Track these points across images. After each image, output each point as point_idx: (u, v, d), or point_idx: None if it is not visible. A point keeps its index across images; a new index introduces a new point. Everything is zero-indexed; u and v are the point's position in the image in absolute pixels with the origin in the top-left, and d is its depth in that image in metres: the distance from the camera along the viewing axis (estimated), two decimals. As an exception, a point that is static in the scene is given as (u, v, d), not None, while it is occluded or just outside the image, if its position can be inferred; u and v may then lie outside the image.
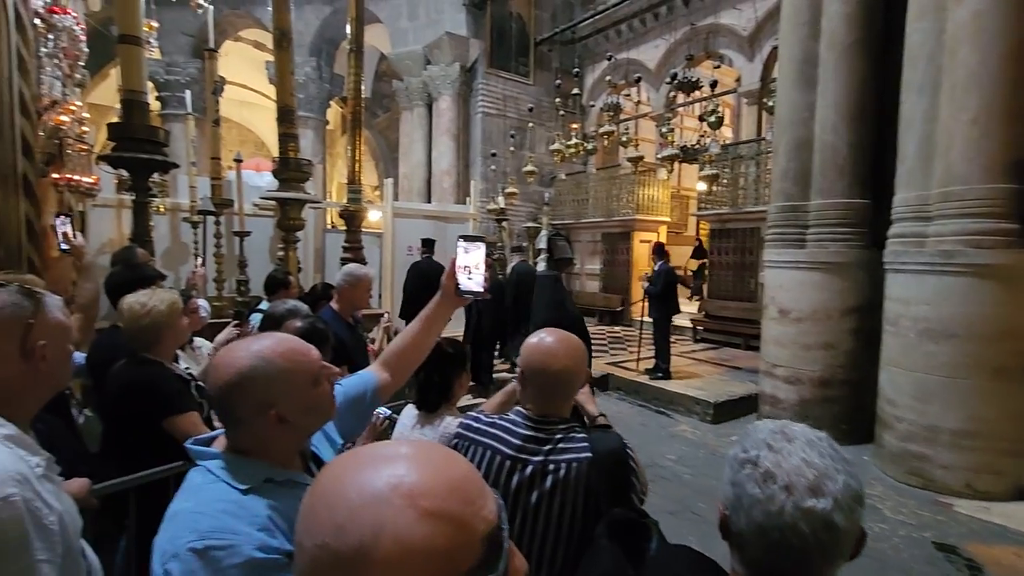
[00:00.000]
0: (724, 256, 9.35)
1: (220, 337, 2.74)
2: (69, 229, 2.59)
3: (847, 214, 4.87)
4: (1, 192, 2.70)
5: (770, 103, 6.29)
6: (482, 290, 1.31)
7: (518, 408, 1.39)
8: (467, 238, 1.32)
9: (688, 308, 10.00)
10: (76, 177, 4.34)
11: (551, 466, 1.27)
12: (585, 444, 1.29)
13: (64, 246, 2.56)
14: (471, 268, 1.31)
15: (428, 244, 6.90)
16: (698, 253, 13.58)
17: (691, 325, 9.56)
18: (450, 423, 1.71)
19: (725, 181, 8.99)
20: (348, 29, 4.36)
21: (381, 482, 0.44)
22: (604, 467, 1.25)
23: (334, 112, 15.52)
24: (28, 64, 3.17)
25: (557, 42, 12.43)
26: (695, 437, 5.30)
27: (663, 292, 6.55)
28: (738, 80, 11.03)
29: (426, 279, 6.19)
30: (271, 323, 2.23)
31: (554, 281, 6.27)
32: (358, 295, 3.07)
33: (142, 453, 1.92)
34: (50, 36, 3.98)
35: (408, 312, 6.08)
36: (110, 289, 2.41)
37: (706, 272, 10.38)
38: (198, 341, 2.90)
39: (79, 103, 4.84)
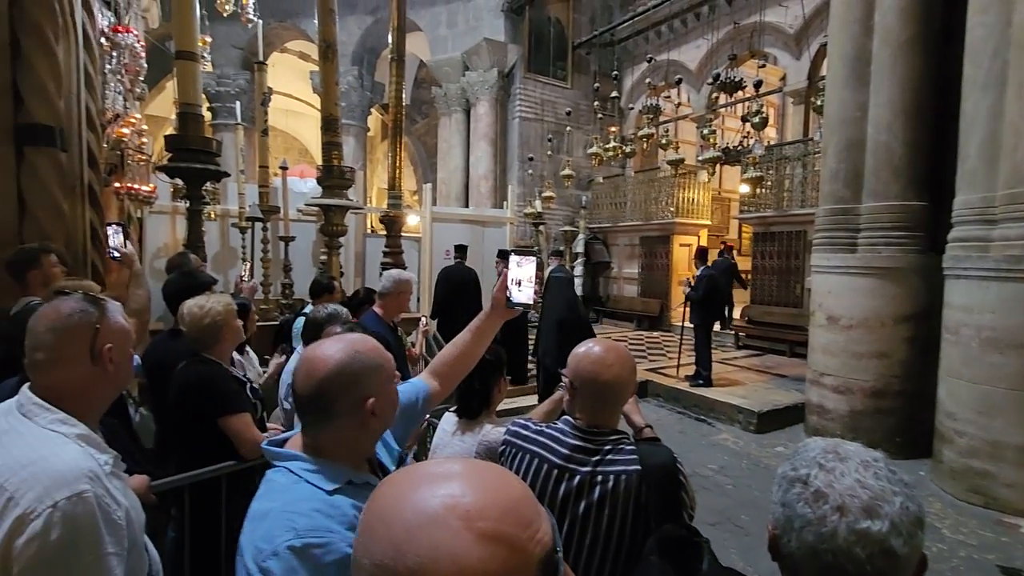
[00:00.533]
0: (768, 260, 9.07)
1: (272, 368, 2.84)
2: (120, 239, 2.68)
3: (902, 217, 4.65)
4: (69, 201, 2.87)
5: (818, 102, 6.07)
6: (532, 303, 1.37)
7: (566, 417, 1.38)
8: (519, 252, 1.38)
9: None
10: (135, 186, 4.58)
11: (599, 477, 1.25)
12: (634, 457, 1.26)
13: (115, 254, 2.65)
14: (522, 281, 1.37)
15: (461, 250, 6.92)
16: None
17: (733, 331, 9.31)
18: (489, 430, 1.71)
19: (769, 183, 8.72)
20: (390, 38, 4.46)
21: (437, 502, 0.45)
22: (654, 481, 1.22)
23: (374, 119, 15.87)
24: (94, 80, 3.37)
25: (595, 45, 12.37)
26: (737, 447, 5.15)
27: (705, 297, 6.40)
28: (783, 79, 10.70)
29: (458, 284, 6.26)
30: (313, 327, 2.29)
31: (568, 283, 6.29)
32: (403, 300, 3.14)
33: (197, 451, 2.01)
34: (113, 53, 4.22)
35: (440, 317, 6.12)
36: (168, 295, 2.53)
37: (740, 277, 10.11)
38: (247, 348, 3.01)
39: (138, 116, 5.11)
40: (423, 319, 3.93)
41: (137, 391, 2.88)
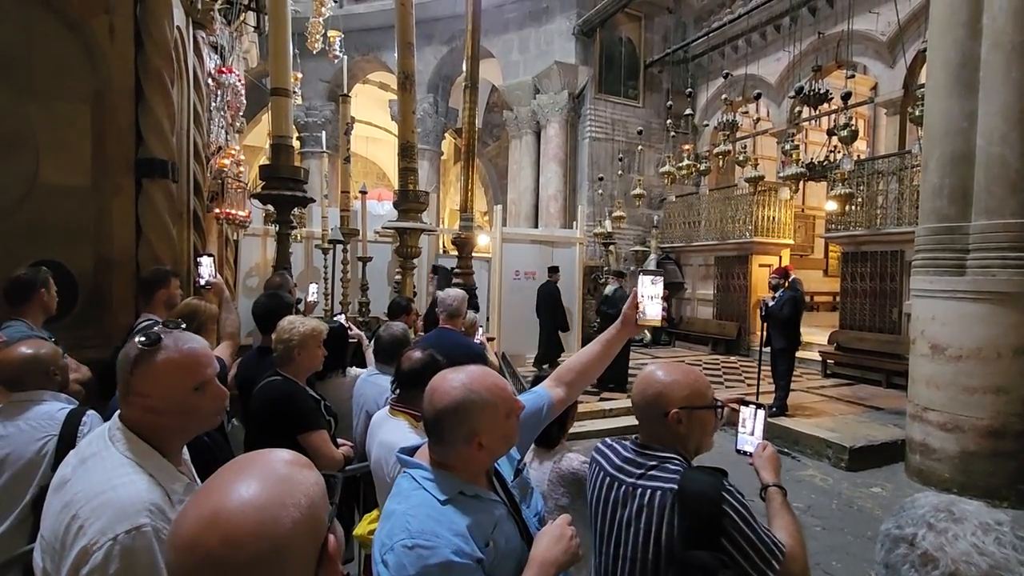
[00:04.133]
0: (859, 282, 8.42)
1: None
2: (211, 269, 2.78)
3: (1021, 236, 4.17)
4: (177, 227, 3.17)
5: (916, 112, 5.62)
6: (659, 318, 1.47)
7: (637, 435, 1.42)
8: (647, 272, 1.51)
9: (816, 338, 9.12)
10: (233, 211, 4.97)
11: (639, 491, 1.28)
12: (675, 477, 1.24)
13: (202, 282, 2.76)
14: (652, 298, 1.48)
15: (553, 271, 7.85)
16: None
17: (820, 358, 8.68)
18: (572, 459, 1.71)
19: (860, 200, 8.14)
20: (464, 66, 4.60)
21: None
22: (688, 506, 1.19)
23: (447, 142, 16.43)
24: (201, 117, 3.72)
25: (668, 62, 12.19)
26: (826, 485, 4.75)
27: (790, 318, 6.02)
28: (874, 89, 10.02)
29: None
30: (390, 345, 2.39)
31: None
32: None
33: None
34: (218, 92, 4.65)
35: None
36: (256, 314, 2.71)
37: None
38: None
39: (237, 147, 5.58)
40: (479, 330, 3.94)
41: (228, 402, 3.09)
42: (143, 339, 1.10)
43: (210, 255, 2.93)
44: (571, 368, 1.55)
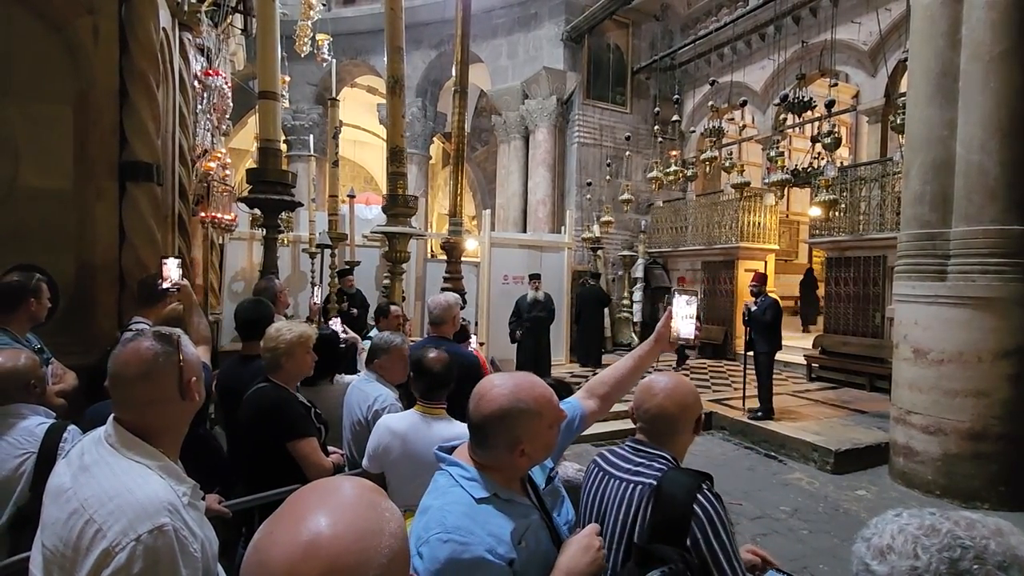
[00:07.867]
0: (843, 287, 8.55)
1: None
2: (179, 272, 2.59)
3: (1000, 242, 4.26)
4: (161, 231, 3.12)
5: (898, 120, 5.72)
6: (693, 337, 1.55)
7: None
8: (681, 291, 1.58)
9: (802, 343, 9.23)
10: (219, 215, 4.92)
11: (623, 484, 1.35)
12: (657, 475, 1.30)
13: (166, 286, 2.56)
14: (686, 317, 1.54)
15: (596, 277, 8.71)
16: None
17: (805, 362, 8.78)
18: (567, 467, 1.74)
19: (843, 206, 8.27)
20: (453, 71, 4.60)
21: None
22: (661, 503, 1.24)
23: (436, 147, 16.40)
24: (187, 120, 3.68)
25: (655, 69, 12.30)
26: (812, 488, 4.79)
27: (773, 323, 6.09)
28: (856, 97, 10.20)
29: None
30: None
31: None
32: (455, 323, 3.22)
33: (264, 471, 2.08)
34: (204, 95, 4.59)
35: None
36: (238, 321, 2.67)
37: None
38: None
39: (223, 150, 5.51)
40: (472, 338, 3.93)
41: (213, 410, 3.04)
42: (160, 342, 1.13)
43: (177, 258, 2.81)
44: (604, 382, 1.59)
